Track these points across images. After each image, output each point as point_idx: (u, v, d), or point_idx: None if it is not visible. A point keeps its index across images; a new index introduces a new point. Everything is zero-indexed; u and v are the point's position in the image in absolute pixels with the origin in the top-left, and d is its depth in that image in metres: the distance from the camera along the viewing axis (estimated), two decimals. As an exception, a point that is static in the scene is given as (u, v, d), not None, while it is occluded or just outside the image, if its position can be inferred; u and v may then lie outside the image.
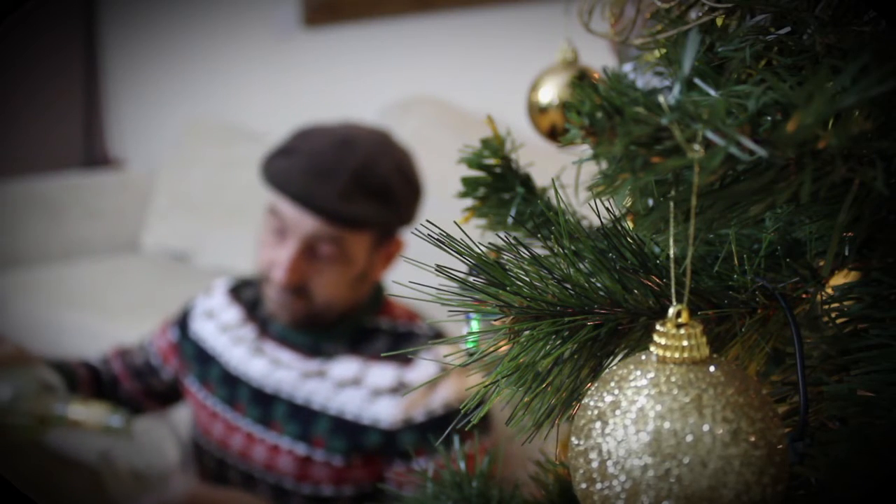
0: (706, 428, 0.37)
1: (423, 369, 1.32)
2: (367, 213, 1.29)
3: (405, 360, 1.32)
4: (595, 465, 0.39)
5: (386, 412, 1.30)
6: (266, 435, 1.35)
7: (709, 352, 0.40)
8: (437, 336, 1.35)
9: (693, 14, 0.50)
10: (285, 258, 1.29)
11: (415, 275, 0.45)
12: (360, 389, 1.32)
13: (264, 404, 1.36)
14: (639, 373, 0.40)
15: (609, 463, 0.39)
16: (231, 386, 1.39)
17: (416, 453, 1.28)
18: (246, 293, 1.48)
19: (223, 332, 1.44)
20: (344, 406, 1.31)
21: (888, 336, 0.49)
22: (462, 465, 0.61)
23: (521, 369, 0.46)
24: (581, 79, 0.70)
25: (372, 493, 1.29)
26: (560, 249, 0.47)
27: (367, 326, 1.38)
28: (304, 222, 1.29)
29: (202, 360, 1.44)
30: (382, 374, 1.32)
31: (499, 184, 0.65)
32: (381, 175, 1.31)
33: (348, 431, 1.31)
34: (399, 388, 1.30)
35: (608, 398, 0.40)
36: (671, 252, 0.40)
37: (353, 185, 1.28)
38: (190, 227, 2.81)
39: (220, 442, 1.39)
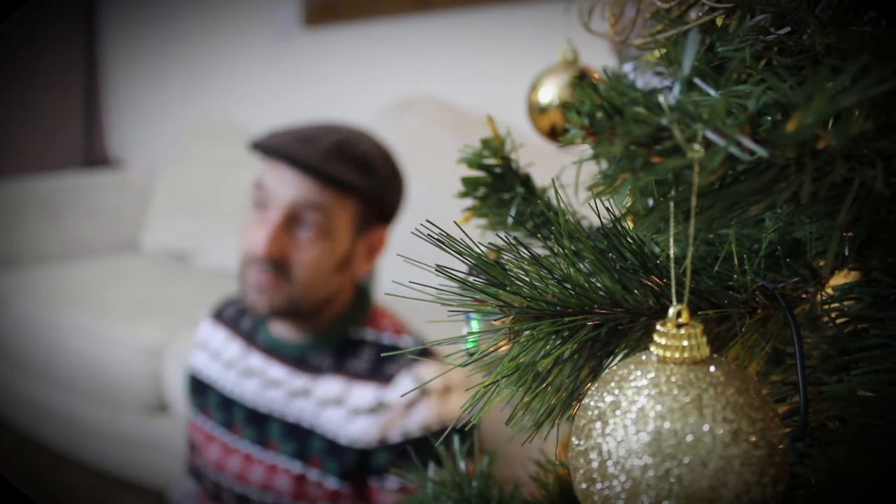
0: (706, 428, 0.37)
1: (402, 388, 1.30)
2: (350, 176, 1.30)
3: (385, 380, 1.31)
4: (595, 465, 0.39)
5: (363, 432, 1.29)
6: (264, 455, 1.36)
7: (709, 352, 0.40)
8: (422, 351, 1.33)
9: (693, 14, 0.50)
10: (268, 228, 1.30)
11: (415, 275, 0.45)
12: (341, 409, 1.32)
13: (259, 424, 1.37)
14: (639, 373, 0.40)
15: (609, 463, 0.39)
16: (227, 409, 1.41)
17: (387, 472, 1.27)
18: (227, 311, 1.50)
19: (215, 359, 1.46)
20: (327, 425, 1.32)
21: (888, 336, 0.49)
22: (462, 465, 0.62)
23: (521, 369, 0.46)
24: (581, 79, 0.70)
25: None
26: (560, 249, 0.47)
27: (353, 337, 1.37)
28: (287, 189, 1.29)
29: (200, 389, 1.46)
30: (363, 394, 1.31)
31: (499, 184, 0.65)
32: (363, 150, 1.33)
33: (339, 453, 1.31)
34: (377, 409, 1.30)
35: (608, 398, 0.40)
36: (671, 252, 0.40)
37: (335, 150, 1.30)
38: (190, 227, 2.81)
39: (217, 465, 1.40)
